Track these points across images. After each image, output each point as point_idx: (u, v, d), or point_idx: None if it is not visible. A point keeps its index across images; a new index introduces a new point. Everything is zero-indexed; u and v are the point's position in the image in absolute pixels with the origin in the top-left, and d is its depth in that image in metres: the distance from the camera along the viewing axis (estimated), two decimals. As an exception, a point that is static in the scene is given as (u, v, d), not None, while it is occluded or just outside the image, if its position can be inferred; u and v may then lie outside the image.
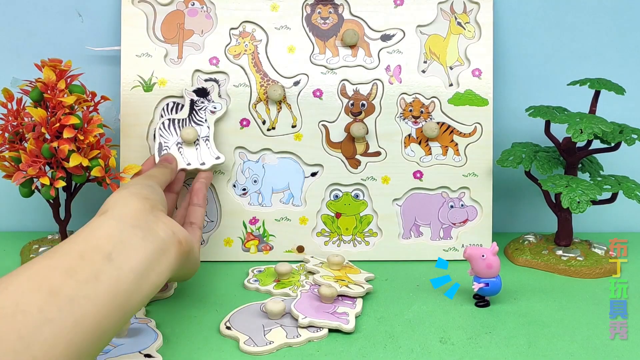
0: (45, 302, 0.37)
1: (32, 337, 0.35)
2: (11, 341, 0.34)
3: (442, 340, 0.53)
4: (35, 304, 0.36)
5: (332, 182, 0.70)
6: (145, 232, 0.46)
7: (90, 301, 0.39)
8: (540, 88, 0.78)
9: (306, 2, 0.71)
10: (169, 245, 0.48)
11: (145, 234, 0.46)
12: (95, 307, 0.39)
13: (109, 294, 0.40)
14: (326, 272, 0.62)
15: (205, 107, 0.67)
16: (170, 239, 0.48)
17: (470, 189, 0.71)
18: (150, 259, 0.45)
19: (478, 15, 0.71)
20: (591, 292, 0.63)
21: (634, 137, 0.65)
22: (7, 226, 0.79)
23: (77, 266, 0.40)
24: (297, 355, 0.50)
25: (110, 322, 0.40)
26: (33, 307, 0.36)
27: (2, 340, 0.34)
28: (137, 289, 0.43)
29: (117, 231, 0.45)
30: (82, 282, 0.39)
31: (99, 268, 0.41)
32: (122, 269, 0.42)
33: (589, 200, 0.62)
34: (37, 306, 0.36)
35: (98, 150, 0.61)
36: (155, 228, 0.48)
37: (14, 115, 0.62)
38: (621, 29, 0.78)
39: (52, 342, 0.36)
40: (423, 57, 0.71)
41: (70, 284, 0.39)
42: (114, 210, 0.47)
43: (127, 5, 0.69)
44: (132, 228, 0.46)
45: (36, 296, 0.37)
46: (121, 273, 0.42)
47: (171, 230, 0.49)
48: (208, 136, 0.67)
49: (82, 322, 0.38)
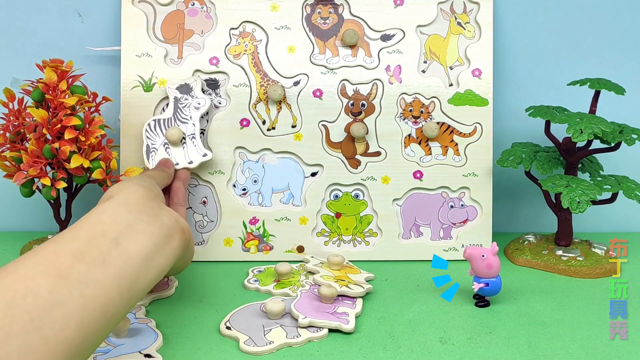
0: (54, 285, 0.37)
1: (43, 319, 0.36)
2: (23, 322, 0.35)
3: (442, 340, 0.53)
4: (45, 287, 0.37)
5: (332, 182, 0.70)
6: (150, 217, 0.47)
7: (99, 284, 0.40)
8: (540, 88, 0.78)
9: (306, 2, 0.71)
10: (173, 231, 0.49)
11: (150, 220, 0.47)
12: (103, 290, 0.40)
13: (116, 277, 0.41)
14: (326, 272, 0.62)
15: (189, 103, 0.67)
16: (174, 225, 0.49)
17: (470, 189, 0.71)
18: (156, 243, 0.46)
19: (478, 15, 0.71)
20: (591, 292, 0.63)
21: (634, 137, 0.65)
22: (7, 226, 0.79)
23: (85, 250, 0.41)
24: (297, 355, 0.50)
25: (117, 304, 0.41)
26: (43, 289, 0.37)
27: (13, 321, 0.34)
28: (143, 272, 0.44)
29: (123, 216, 0.45)
30: (90, 265, 0.40)
31: (107, 251, 0.42)
32: (129, 252, 0.43)
33: (589, 200, 0.62)
34: (47, 288, 0.37)
35: (99, 152, 0.61)
36: (160, 214, 0.48)
37: (15, 116, 0.62)
38: (621, 29, 0.78)
39: (62, 323, 0.36)
40: (423, 57, 0.71)
41: (78, 267, 0.39)
42: (119, 196, 0.48)
43: (127, 5, 0.70)
44: (137, 213, 0.46)
45: (45, 279, 0.37)
46: (129, 257, 0.43)
47: (174, 218, 0.50)
48: (194, 134, 0.66)
49: (90, 304, 0.38)
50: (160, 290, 0.60)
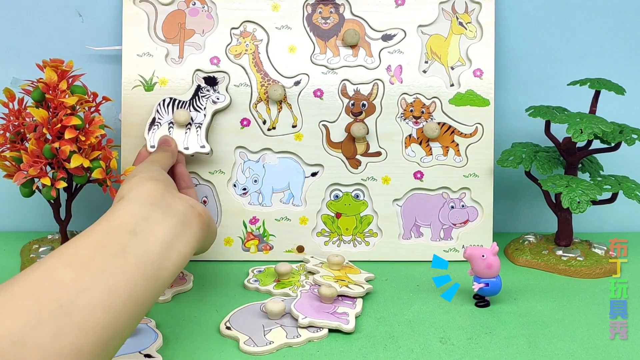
0: (78, 274, 0.39)
1: (71, 305, 0.37)
2: (52, 309, 0.36)
3: (442, 340, 0.53)
4: (70, 277, 0.39)
5: (333, 182, 0.70)
6: (164, 208, 0.48)
7: (120, 271, 0.41)
8: (540, 88, 0.78)
9: (307, 2, 0.71)
10: (190, 217, 0.50)
11: (165, 211, 0.48)
12: (126, 277, 0.41)
13: (137, 265, 0.42)
14: (326, 272, 0.62)
15: (209, 95, 0.68)
16: (189, 211, 0.50)
17: (471, 190, 0.71)
18: (174, 231, 0.47)
19: (480, 15, 0.71)
20: (591, 292, 0.63)
21: (634, 137, 0.65)
22: (7, 226, 0.79)
23: (104, 242, 0.42)
24: (297, 355, 0.50)
25: (143, 291, 0.42)
26: (68, 279, 0.38)
27: (42, 308, 0.36)
28: (165, 259, 0.45)
29: (138, 210, 0.47)
30: (110, 255, 0.41)
31: (125, 242, 0.43)
32: (147, 241, 0.44)
33: (589, 200, 0.62)
34: (71, 278, 0.38)
35: (99, 151, 0.61)
36: (174, 204, 0.49)
37: (15, 115, 0.62)
38: (621, 29, 0.78)
39: (90, 309, 0.38)
40: (424, 57, 0.71)
41: (99, 257, 0.41)
42: (130, 194, 0.49)
43: (128, 4, 0.70)
44: (151, 206, 0.47)
45: (69, 270, 0.39)
46: (147, 245, 0.44)
47: (189, 204, 0.51)
48: (201, 124, 0.67)
49: (115, 290, 0.40)
50: (179, 285, 0.62)
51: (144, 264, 0.43)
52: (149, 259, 0.43)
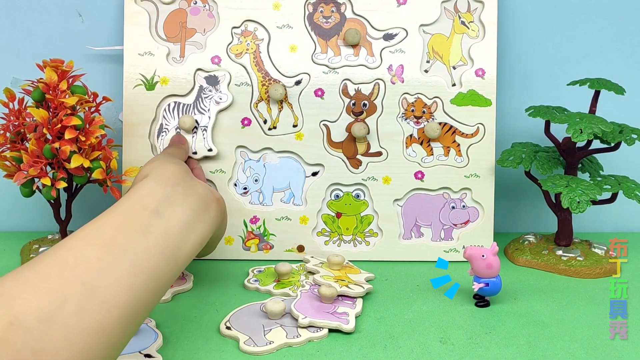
0: (101, 253, 0.40)
1: (96, 283, 0.38)
2: (77, 287, 0.37)
3: (442, 340, 0.53)
4: (93, 255, 0.40)
5: (333, 182, 0.70)
6: (186, 189, 0.50)
7: (142, 250, 0.42)
8: (540, 88, 0.78)
9: (308, 1, 0.71)
10: (209, 201, 0.51)
11: (186, 191, 0.49)
12: (148, 256, 0.42)
13: (159, 244, 0.44)
14: (326, 272, 0.62)
15: (211, 96, 0.68)
16: (209, 195, 0.52)
17: (472, 190, 0.71)
18: (194, 212, 0.49)
19: (482, 14, 0.71)
20: (591, 292, 0.63)
21: (634, 137, 0.65)
22: (7, 226, 0.79)
23: (127, 222, 0.44)
24: (297, 355, 0.50)
25: (163, 271, 0.43)
26: (91, 257, 0.39)
27: (67, 286, 0.37)
28: (185, 240, 0.46)
29: (160, 189, 0.48)
30: (133, 234, 0.43)
31: (149, 222, 0.45)
32: (170, 221, 0.46)
33: (589, 200, 0.62)
34: (95, 256, 0.39)
35: (99, 152, 0.61)
36: (194, 186, 0.51)
37: (15, 115, 0.62)
38: (621, 29, 0.78)
39: (115, 287, 0.39)
40: (426, 56, 0.71)
41: (122, 237, 0.42)
42: (153, 173, 0.50)
43: (129, 4, 0.69)
44: (173, 186, 0.49)
45: (92, 249, 0.40)
46: (169, 225, 0.46)
47: (208, 189, 0.53)
48: (207, 126, 0.68)
49: (138, 269, 0.41)
50: (179, 285, 0.62)
51: (165, 243, 0.44)
52: (170, 239, 0.45)
